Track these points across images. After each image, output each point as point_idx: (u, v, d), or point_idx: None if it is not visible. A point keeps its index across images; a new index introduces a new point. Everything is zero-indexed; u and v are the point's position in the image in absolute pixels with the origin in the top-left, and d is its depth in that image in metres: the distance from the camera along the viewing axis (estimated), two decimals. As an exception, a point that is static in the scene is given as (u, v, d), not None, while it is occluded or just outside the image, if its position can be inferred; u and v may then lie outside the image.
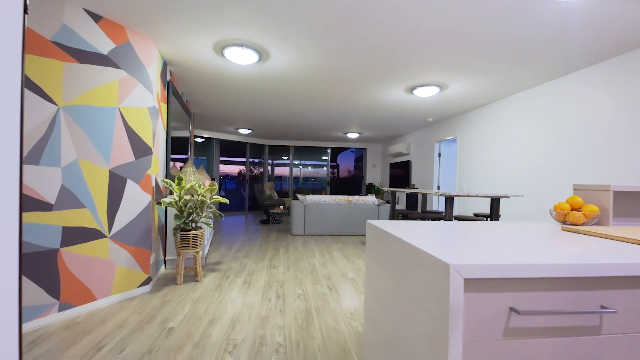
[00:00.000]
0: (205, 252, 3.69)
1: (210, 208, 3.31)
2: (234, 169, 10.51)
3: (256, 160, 10.16)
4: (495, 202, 3.01)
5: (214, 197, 3.27)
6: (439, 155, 6.31)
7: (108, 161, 2.47)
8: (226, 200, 3.30)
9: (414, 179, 7.35)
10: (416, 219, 3.73)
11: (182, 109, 4.50)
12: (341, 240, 5.31)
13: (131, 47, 2.63)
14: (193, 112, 5.78)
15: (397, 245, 1.11)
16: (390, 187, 8.81)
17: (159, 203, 2.77)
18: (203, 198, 3.04)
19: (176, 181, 2.93)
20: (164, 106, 3.32)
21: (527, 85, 3.77)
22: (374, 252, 1.41)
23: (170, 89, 3.47)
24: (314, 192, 10.50)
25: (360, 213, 5.84)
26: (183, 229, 3.03)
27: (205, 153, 9.13)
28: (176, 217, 2.86)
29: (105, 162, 2.45)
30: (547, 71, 3.33)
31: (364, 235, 5.81)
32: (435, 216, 3.35)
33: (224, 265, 3.62)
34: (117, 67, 2.53)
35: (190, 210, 3.06)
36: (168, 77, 3.49)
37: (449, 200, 2.94)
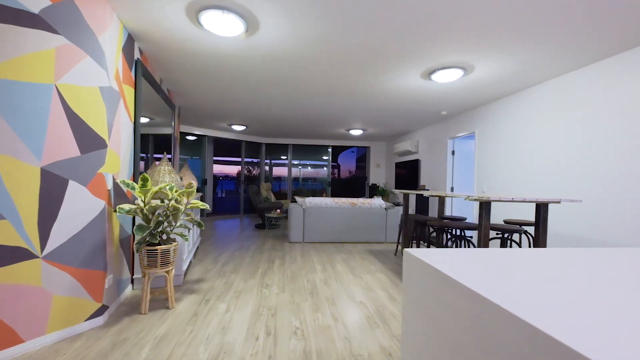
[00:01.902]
0: (184, 267, 3.07)
1: (188, 215, 2.68)
2: (233, 169, 9.82)
3: (255, 160, 9.54)
4: (542, 208, 2.40)
5: (191, 202, 2.65)
6: (453, 153, 5.70)
7: (39, 156, 1.85)
8: (206, 206, 2.68)
9: (423, 180, 6.73)
10: (436, 227, 3.11)
11: (162, 99, 3.88)
12: (345, 249, 4.69)
13: (75, 6, 2.01)
14: (178, 105, 5.16)
15: (510, 325, 0.48)
16: (395, 188, 8.19)
17: (117, 210, 2.15)
18: (175, 204, 2.42)
19: (140, 182, 2.31)
20: (129, 90, 2.70)
21: (573, 65, 3.15)
22: (423, 300, 0.80)
23: (140, 69, 2.85)
24: (314, 194, 9.88)
25: (366, 218, 5.22)
26: (150, 243, 2.41)
27: (199, 152, 8.51)
28: (139, 228, 2.23)
29: (35, 158, 1.83)
30: (604, 46, 2.72)
31: (370, 243, 5.19)
32: (464, 225, 2.74)
33: (205, 284, 2.99)
34: (54, 31, 1.91)
35: (160, 219, 2.44)
36: (136, 55, 2.87)
37: (485, 207, 2.33)
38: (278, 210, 6.11)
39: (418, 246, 3.62)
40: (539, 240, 2.44)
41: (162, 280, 2.90)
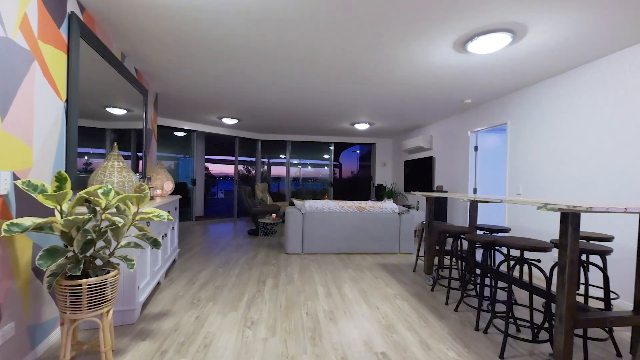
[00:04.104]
0: (141, 298, 2.29)
1: (141, 230, 1.90)
2: (232, 169, 8.94)
3: (252, 159, 8.74)
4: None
5: (143, 211, 1.87)
6: (476, 148, 4.92)
7: None
8: (166, 217, 1.90)
9: (439, 180, 5.95)
10: (481, 244, 2.33)
11: (127, 80, 3.11)
12: (352, 263, 3.91)
13: None
14: (154, 91, 4.38)
15: None
16: (405, 189, 7.41)
17: (4, 229, 1.37)
18: (109, 216, 1.64)
19: (53, 183, 1.53)
20: (56, 54, 1.92)
21: (654, 30, 2.37)
22: None
23: (76, 27, 2.07)
24: (314, 195, 9.10)
25: (377, 224, 4.45)
26: (71, 276, 1.63)
27: (191, 150, 7.71)
28: (47, 254, 1.46)
29: None
30: None
31: (382, 254, 4.41)
32: (530, 244, 1.94)
33: (168, 322, 2.21)
34: None
35: (90, 238, 1.66)
36: (70, 8, 2.08)
37: (572, 220, 1.56)
38: (273, 215, 5.34)
39: (450, 262, 2.85)
40: (648, 269, 1.66)
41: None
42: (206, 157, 9.09)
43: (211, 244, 4.93)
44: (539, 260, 1.92)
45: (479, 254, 4.48)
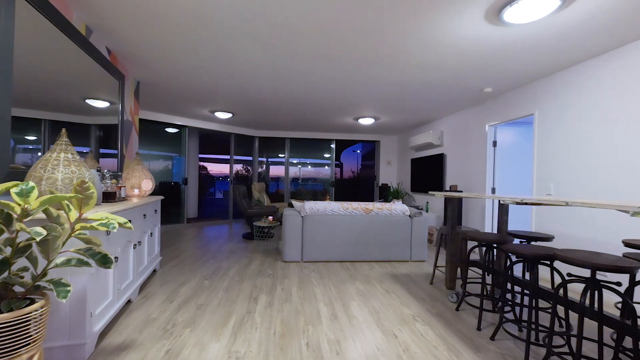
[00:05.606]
0: (98, 327, 1.81)
1: (88, 243, 1.42)
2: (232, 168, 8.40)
3: (250, 159, 8.25)
4: None
5: (88, 217, 1.39)
6: (494, 144, 4.44)
7: None
8: (117, 223, 1.42)
9: (450, 179, 5.47)
10: (526, 256, 1.85)
11: (96, 61, 2.64)
12: (359, 273, 3.43)
13: None
14: (136, 78, 3.89)
15: None
16: (412, 189, 6.93)
17: None
18: (24, 226, 1.17)
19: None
20: (-28, 7, 1.44)
21: None
22: None
23: (6, -22, 1.59)
24: (314, 196, 8.62)
25: (385, 228, 3.96)
26: (-33, 311, 1.15)
27: (182, 148, 7.21)
28: None
29: None
30: None
31: (392, 262, 3.93)
32: (600, 262, 1.46)
33: (130, 358, 1.73)
34: None
35: (2, 257, 1.18)
36: (-3, -49, 1.60)
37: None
38: (270, 218, 4.85)
39: (484, 278, 2.37)
40: None
41: (55, 353, 1.63)
42: (202, 156, 8.62)
43: (201, 249, 4.45)
44: (618, 284, 1.43)
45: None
